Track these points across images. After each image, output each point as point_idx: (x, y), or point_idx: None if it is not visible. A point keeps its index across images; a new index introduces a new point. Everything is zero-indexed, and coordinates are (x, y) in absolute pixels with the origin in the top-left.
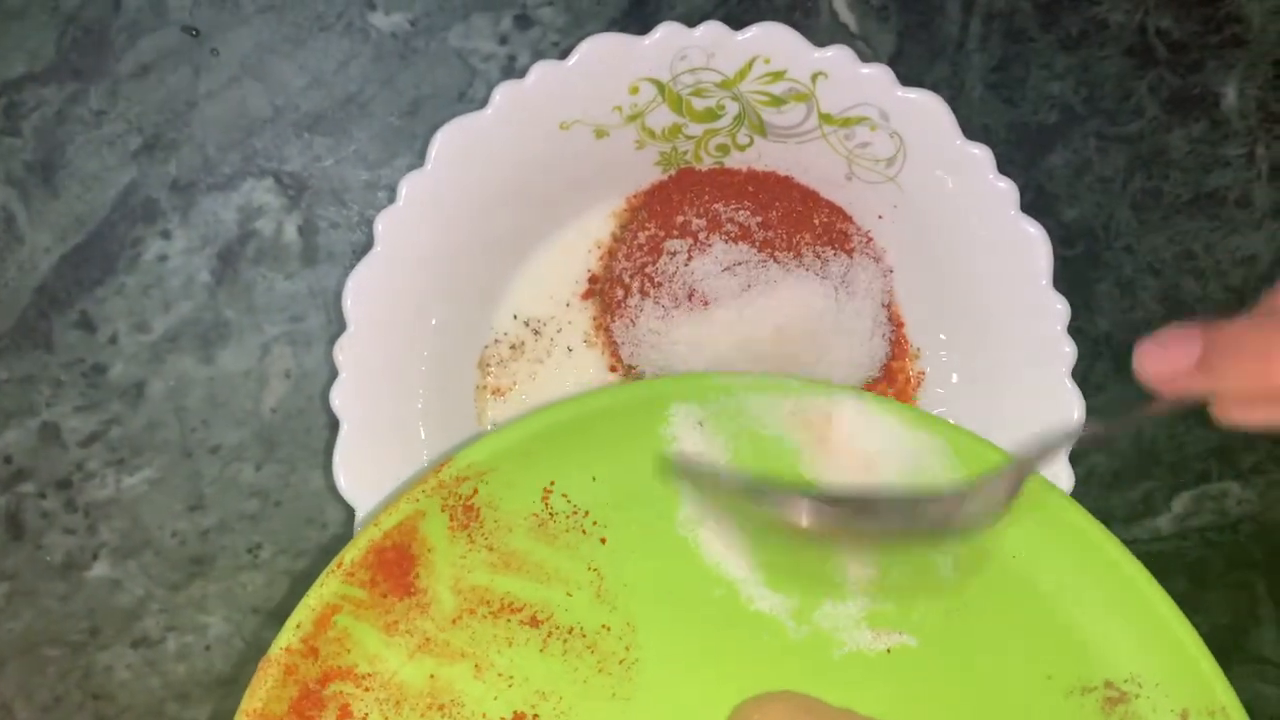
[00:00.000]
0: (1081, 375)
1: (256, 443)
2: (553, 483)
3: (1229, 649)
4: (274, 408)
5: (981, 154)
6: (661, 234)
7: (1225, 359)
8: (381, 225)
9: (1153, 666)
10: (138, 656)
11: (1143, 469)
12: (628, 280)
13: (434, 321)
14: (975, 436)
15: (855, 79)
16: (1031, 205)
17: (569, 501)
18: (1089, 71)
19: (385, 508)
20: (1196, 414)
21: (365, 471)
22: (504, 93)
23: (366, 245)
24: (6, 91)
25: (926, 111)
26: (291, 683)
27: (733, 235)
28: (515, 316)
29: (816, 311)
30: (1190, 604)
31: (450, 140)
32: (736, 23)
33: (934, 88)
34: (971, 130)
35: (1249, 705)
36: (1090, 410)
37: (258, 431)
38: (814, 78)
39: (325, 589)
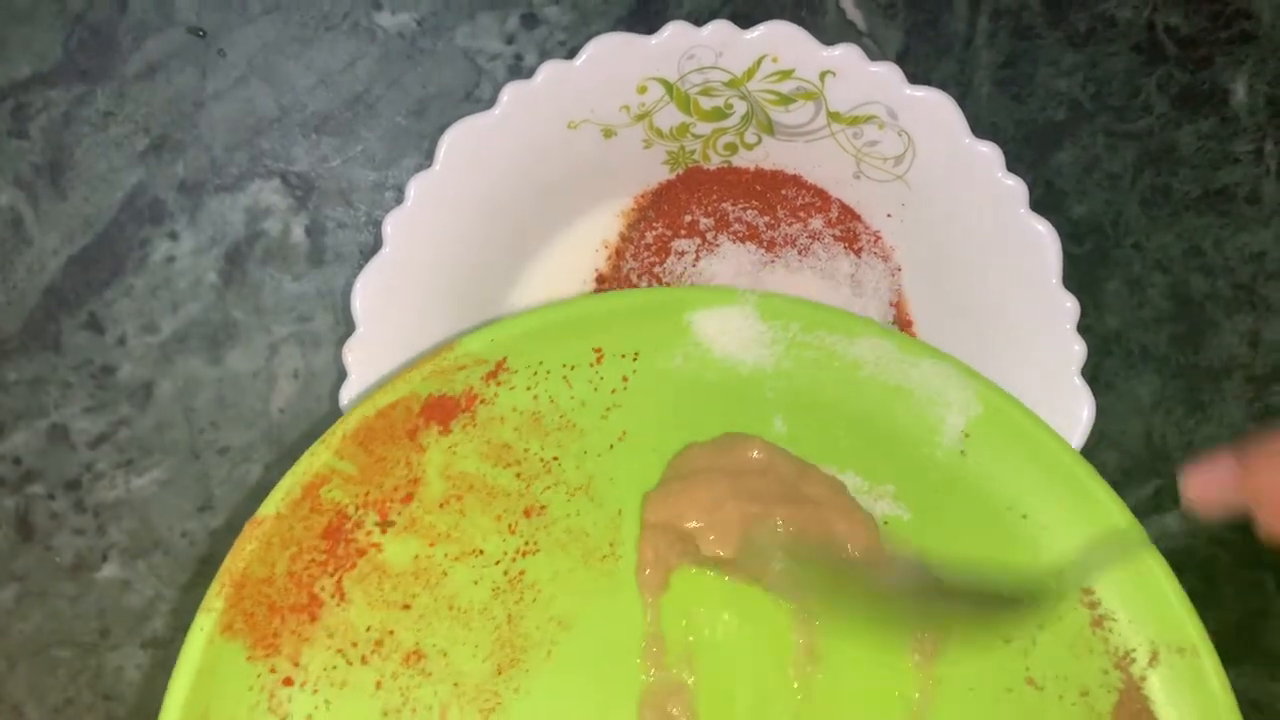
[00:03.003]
0: (1091, 373)
1: (265, 443)
2: (549, 378)
3: (1239, 646)
4: (282, 408)
5: (990, 152)
6: (669, 233)
7: (1261, 475)
8: (390, 226)
9: (1125, 600)
10: (148, 657)
11: (1153, 466)
12: (635, 280)
13: (442, 322)
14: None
15: (864, 77)
16: (1040, 202)
17: (564, 398)
18: (1097, 68)
19: (382, 386)
20: (1206, 409)
21: None
22: (512, 92)
23: (373, 245)
24: (14, 93)
25: (935, 109)
26: (275, 548)
27: (740, 235)
28: None
29: None
30: (1200, 602)
31: (458, 140)
32: (743, 21)
33: (941, 85)
34: (979, 127)
35: (1259, 703)
36: (1100, 409)
37: (266, 432)
38: (822, 76)
39: (316, 459)
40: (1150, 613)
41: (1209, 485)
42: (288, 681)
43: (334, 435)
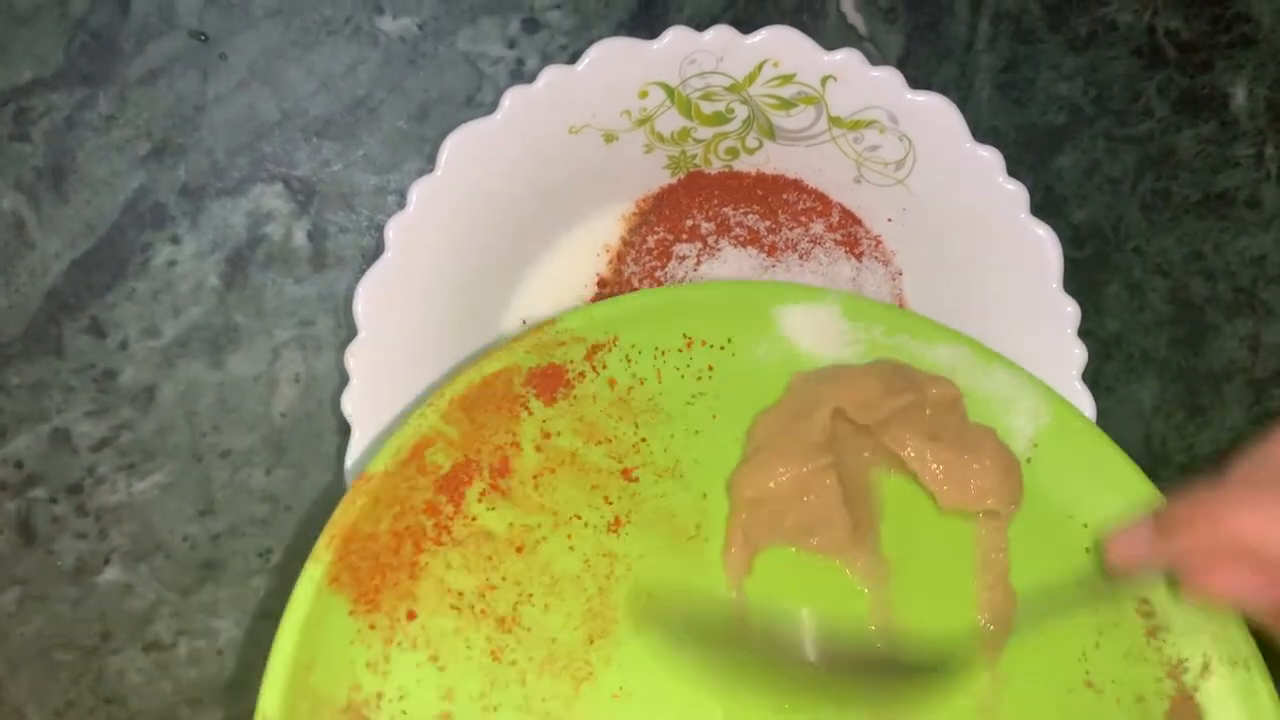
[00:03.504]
0: (1091, 377)
1: (266, 447)
2: (640, 361)
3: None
4: (284, 412)
5: (991, 156)
6: (670, 238)
7: (1176, 526)
8: (392, 231)
9: (1180, 612)
10: (149, 661)
11: (1153, 470)
12: (637, 284)
13: (444, 326)
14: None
15: (865, 82)
16: (1040, 206)
17: (653, 382)
18: (1098, 72)
19: (487, 354)
20: (1206, 412)
21: None
22: (513, 97)
23: (375, 250)
24: (16, 97)
25: (936, 114)
26: (382, 505)
27: (742, 239)
28: (524, 321)
29: None
30: None
31: (460, 145)
32: (744, 25)
33: (942, 89)
34: (980, 131)
35: None
36: (1100, 413)
37: (268, 436)
38: (823, 81)
39: (424, 420)
40: (1204, 625)
41: (1129, 546)
42: (388, 638)
43: (441, 399)
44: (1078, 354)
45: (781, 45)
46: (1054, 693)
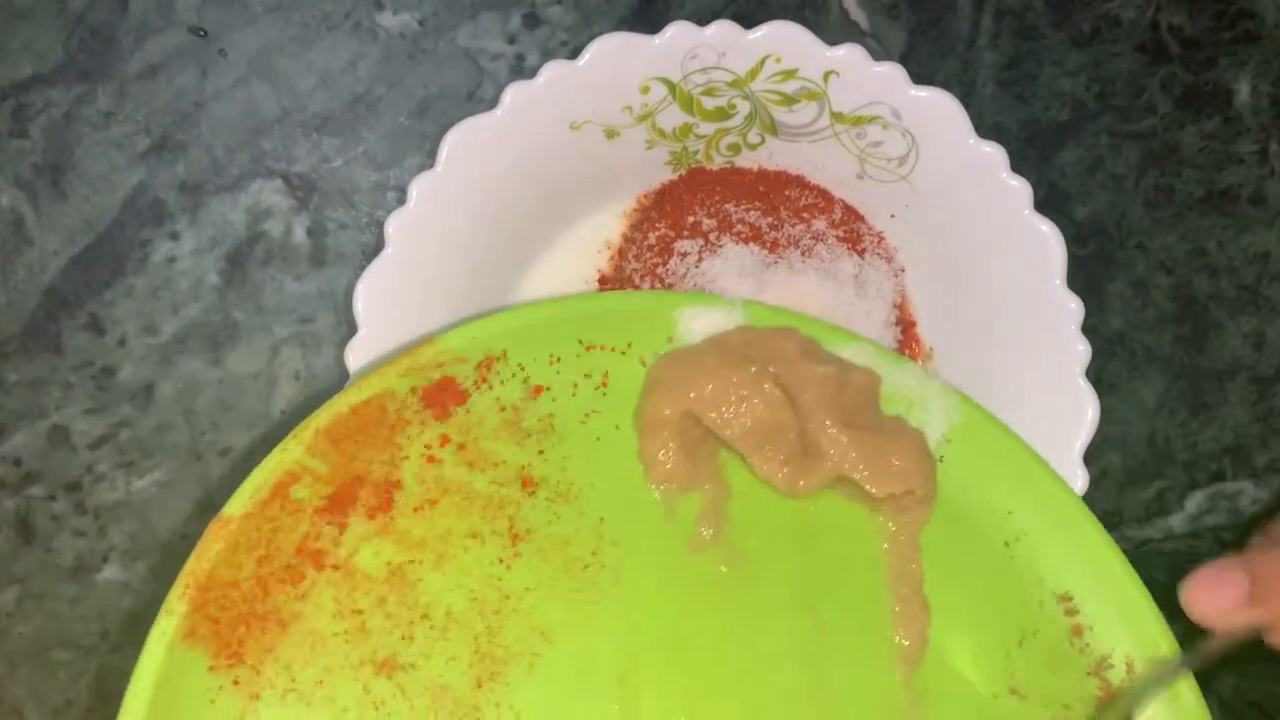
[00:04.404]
0: (1095, 374)
1: (266, 445)
2: (529, 379)
3: (1242, 648)
4: (284, 410)
5: (994, 152)
6: (672, 234)
7: (1275, 586)
8: (392, 227)
9: (1102, 610)
10: None
11: (1156, 468)
12: (638, 281)
13: (444, 322)
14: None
15: (867, 77)
16: (1043, 202)
17: (544, 400)
18: (1101, 68)
19: (356, 382)
20: (1210, 410)
21: None
22: (514, 93)
23: (375, 246)
24: (14, 93)
25: (939, 110)
26: (242, 550)
27: (743, 236)
28: None
29: (827, 312)
30: None
31: (460, 141)
32: (746, 21)
33: (945, 85)
34: (983, 128)
35: (1262, 705)
36: (1103, 410)
37: (267, 434)
38: (826, 76)
39: (286, 455)
40: (1126, 625)
41: (1217, 601)
42: (253, 693)
43: (306, 431)
44: (1081, 351)
45: (783, 40)
46: (976, 703)
